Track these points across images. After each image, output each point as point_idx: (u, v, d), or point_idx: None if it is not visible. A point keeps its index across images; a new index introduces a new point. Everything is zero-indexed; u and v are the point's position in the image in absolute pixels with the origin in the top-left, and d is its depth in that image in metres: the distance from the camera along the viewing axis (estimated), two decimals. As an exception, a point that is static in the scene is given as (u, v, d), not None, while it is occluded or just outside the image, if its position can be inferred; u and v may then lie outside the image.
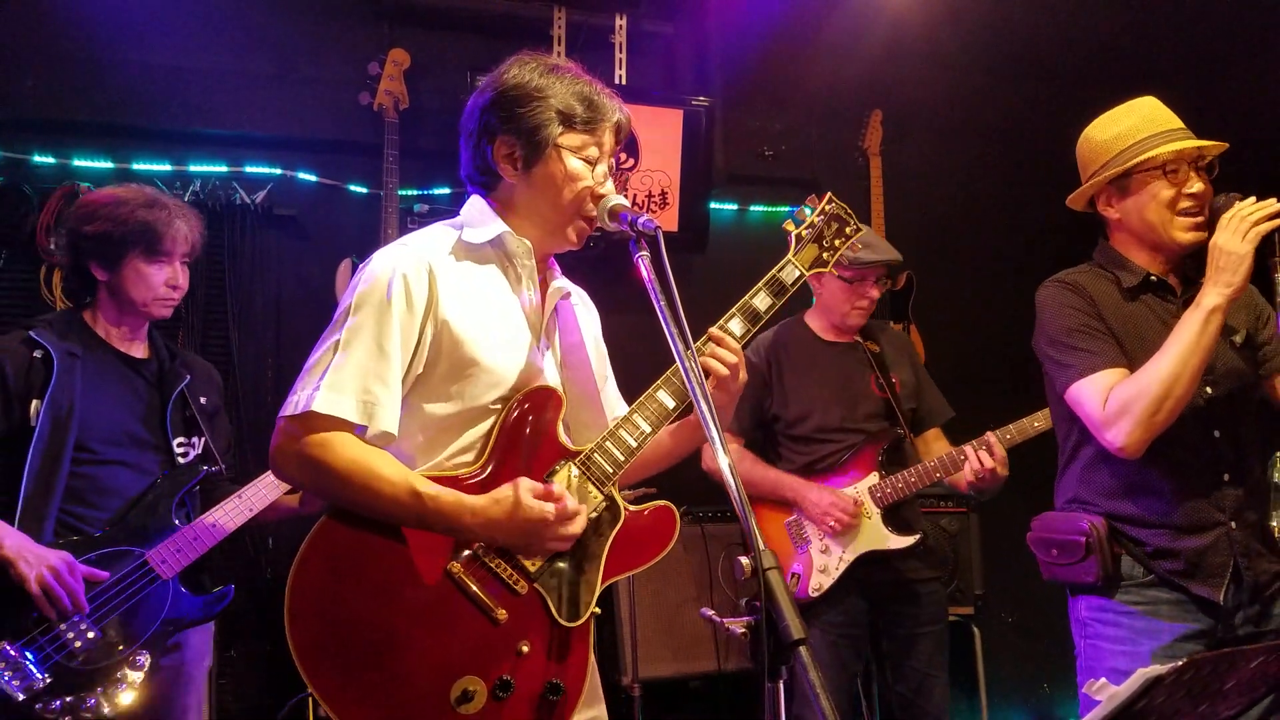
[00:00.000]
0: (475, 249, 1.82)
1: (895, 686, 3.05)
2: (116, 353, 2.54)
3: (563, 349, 1.93)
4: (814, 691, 1.12)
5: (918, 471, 3.00)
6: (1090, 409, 2.14)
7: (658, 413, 1.80)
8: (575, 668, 1.73)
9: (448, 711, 1.60)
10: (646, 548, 1.83)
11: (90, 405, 2.41)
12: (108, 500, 2.41)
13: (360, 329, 1.66)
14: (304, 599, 1.59)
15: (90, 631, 2.29)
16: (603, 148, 1.82)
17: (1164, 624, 2.13)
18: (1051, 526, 2.32)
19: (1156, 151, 2.18)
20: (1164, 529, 2.17)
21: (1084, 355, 2.18)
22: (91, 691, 2.29)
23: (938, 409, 3.31)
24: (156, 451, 2.51)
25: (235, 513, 2.50)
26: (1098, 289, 2.27)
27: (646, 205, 4.15)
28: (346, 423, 1.62)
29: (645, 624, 3.64)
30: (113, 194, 2.55)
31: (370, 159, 3.81)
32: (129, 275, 2.49)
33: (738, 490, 1.31)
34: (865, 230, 3.21)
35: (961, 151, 4.92)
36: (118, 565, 2.36)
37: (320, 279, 3.80)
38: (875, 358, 3.18)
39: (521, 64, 1.82)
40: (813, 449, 3.10)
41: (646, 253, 1.63)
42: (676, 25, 4.40)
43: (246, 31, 3.88)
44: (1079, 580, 2.23)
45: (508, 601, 1.68)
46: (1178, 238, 2.21)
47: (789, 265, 1.98)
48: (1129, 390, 2.07)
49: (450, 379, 1.72)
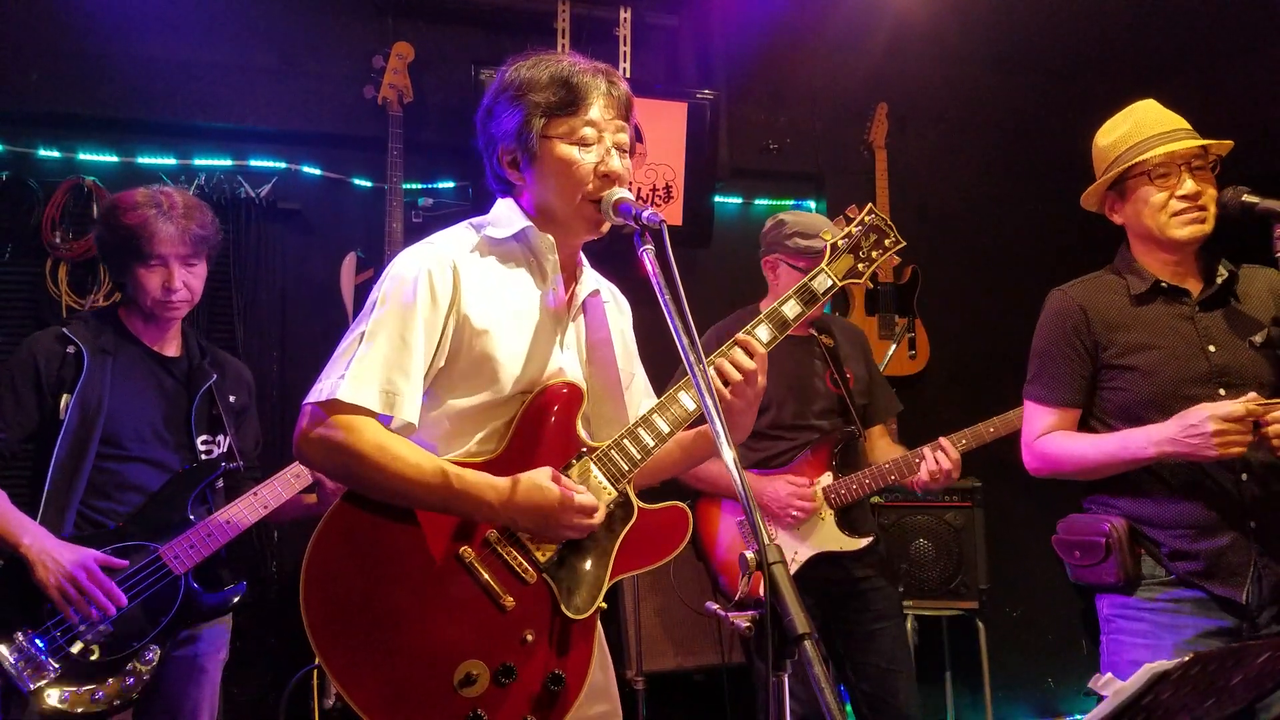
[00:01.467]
0: (500, 245, 1.84)
1: (860, 685, 2.98)
2: (148, 350, 2.57)
3: (588, 345, 1.94)
4: (818, 685, 1.12)
5: (871, 474, 2.98)
6: (1026, 431, 2.41)
7: (677, 415, 1.82)
8: (578, 660, 1.74)
9: (450, 692, 1.63)
10: (658, 547, 1.85)
11: (118, 402, 2.44)
12: (129, 495, 2.45)
13: (385, 322, 1.69)
14: (319, 575, 1.62)
15: (102, 624, 2.32)
16: (596, 125, 1.78)
17: (1187, 619, 2.14)
18: (1073, 529, 2.34)
19: (1145, 156, 2.21)
20: (1182, 529, 2.17)
21: (1042, 385, 2.37)
22: (101, 683, 2.31)
23: (886, 404, 3.27)
24: (179, 449, 2.54)
25: (249, 510, 2.51)
26: (1100, 300, 2.31)
27: (651, 199, 4.14)
28: (369, 411, 1.66)
29: (649, 618, 3.65)
30: (115, 199, 2.56)
31: (375, 153, 3.81)
32: (131, 280, 2.52)
33: (743, 486, 1.31)
34: (817, 217, 3.19)
35: (966, 145, 4.91)
36: (132, 560, 2.38)
37: (325, 273, 3.80)
38: (830, 351, 3.13)
39: (509, 66, 1.83)
40: (766, 445, 3.06)
41: (651, 247, 1.62)
42: (681, 18, 4.38)
43: (251, 25, 3.87)
44: (1101, 581, 2.24)
45: (516, 590, 1.70)
46: (1175, 235, 2.22)
47: (821, 274, 1.98)
48: (1055, 448, 2.31)
49: (471, 372, 1.75)
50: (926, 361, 4.62)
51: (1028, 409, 2.41)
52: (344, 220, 3.97)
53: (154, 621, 2.39)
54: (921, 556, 3.92)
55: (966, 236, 4.86)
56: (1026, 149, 4.87)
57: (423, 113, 3.95)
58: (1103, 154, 2.33)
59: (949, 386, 4.61)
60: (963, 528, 3.93)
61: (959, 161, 4.88)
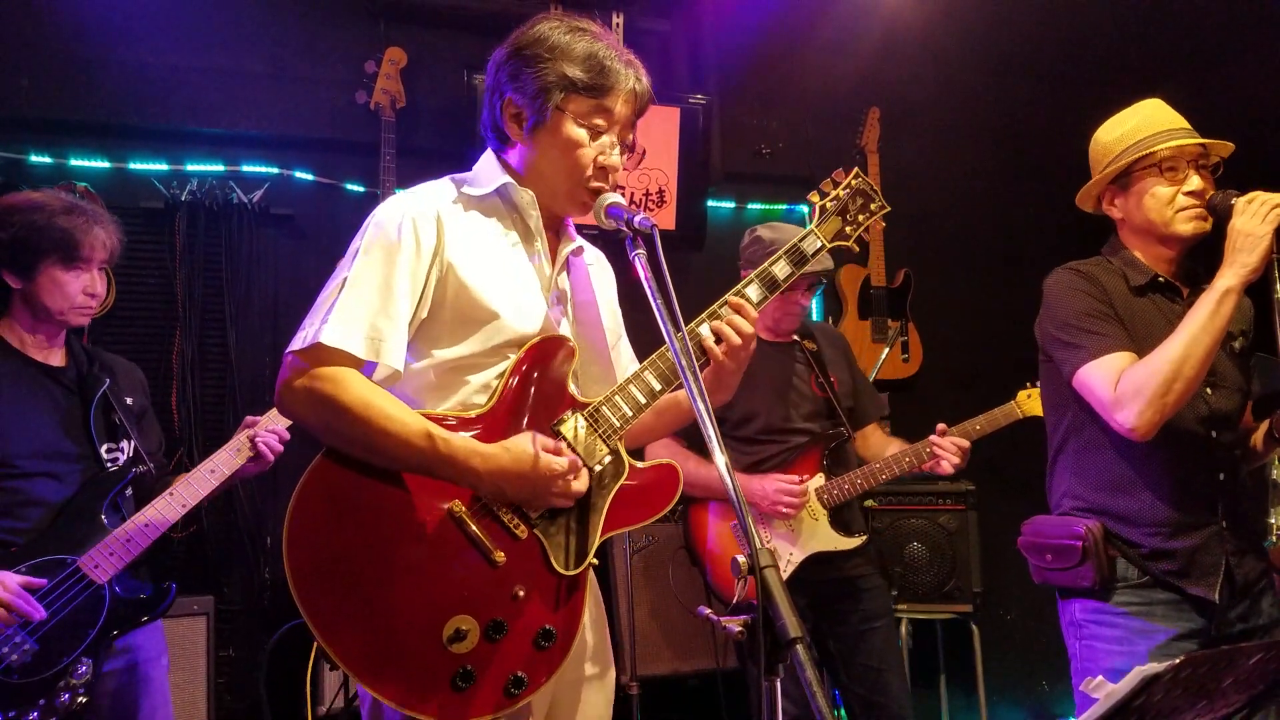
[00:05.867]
0: (481, 201, 1.82)
1: (852, 687, 3.00)
2: (33, 363, 2.45)
3: (574, 305, 1.92)
4: (810, 690, 1.12)
5: (863, 473, 3.01)
6: (1101, 391, 2.12)
7: (670, 371, 1.79)
8: (569, 616, 1.73)
9: (439, 648, 1.60)
10: (648, 504, 1.83)
11: (9, 420, 2.34)
12: (34, 513, 2.33)
13: (368, 268, 1.68)
14: (303, 526, 1.58)
15: (26, 644, 2.22)
16: (612, 116, 1.77)
17: (1159, 625, 2.13)
18: (1044, 531, 2.31)
19: (1155, 149, 2.21)
20: (1158, 528, 2.16)
21: (1095, 338, 2.17)
22: (33, 704, 2.22)
23: (873, 406, 3.31)
24: (82, 460, 2.42)
25: (167, 509, 2.42)
26: (1108, 281, 2.28)
27: (644, 203, 4.14)
28: (354, 358, 1.62)
29: (643, 622, 3.65)
30: (28, 199, 2.47)
31: (367, 158, 3.81)
32: (44, 283, 2.41)
33: (734, 489, 1.31)
34: (792, 228, 3.21)
35: (959, 149, 4.92)
36: (50, 575, 2.29)
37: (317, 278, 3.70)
38: (814, 357, 3.18)
39: (545, 21, 1.79)
40: (757, 449, 3.08)
41: (643, 251, 1.61)
42: (673, 23, 4.39)
43: (243, 30, 3.87)
44: (1074, 584, 2.23)
45: (507, 545, 1.68)
46: (1179, 230, 2.22)
47: (811, 235, 1.97)
48: (1141, 371, 2.07)
49: (457, 323, 1.73)
50: (919, 365, 4.63)
51: (1090, 373, 2.15)
52: (337, 226, 3.95)
53: (81, 635, 2.30)
54: (915, 560, 3.92)
55: (959, 240, 4.88)
56: (1019, 153, 4.89)
57: (415, 118, 3.95)
58: (1106, 148, 2.31)
59: (942, 390, 4.62)
60: (956, 531, 3.93)
61: (951, 165, 4.89)
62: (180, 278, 3.69)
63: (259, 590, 3.68)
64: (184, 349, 3.66)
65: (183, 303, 3.69)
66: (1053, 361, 2.30)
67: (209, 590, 3.42)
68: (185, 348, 3.66)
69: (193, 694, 3.18)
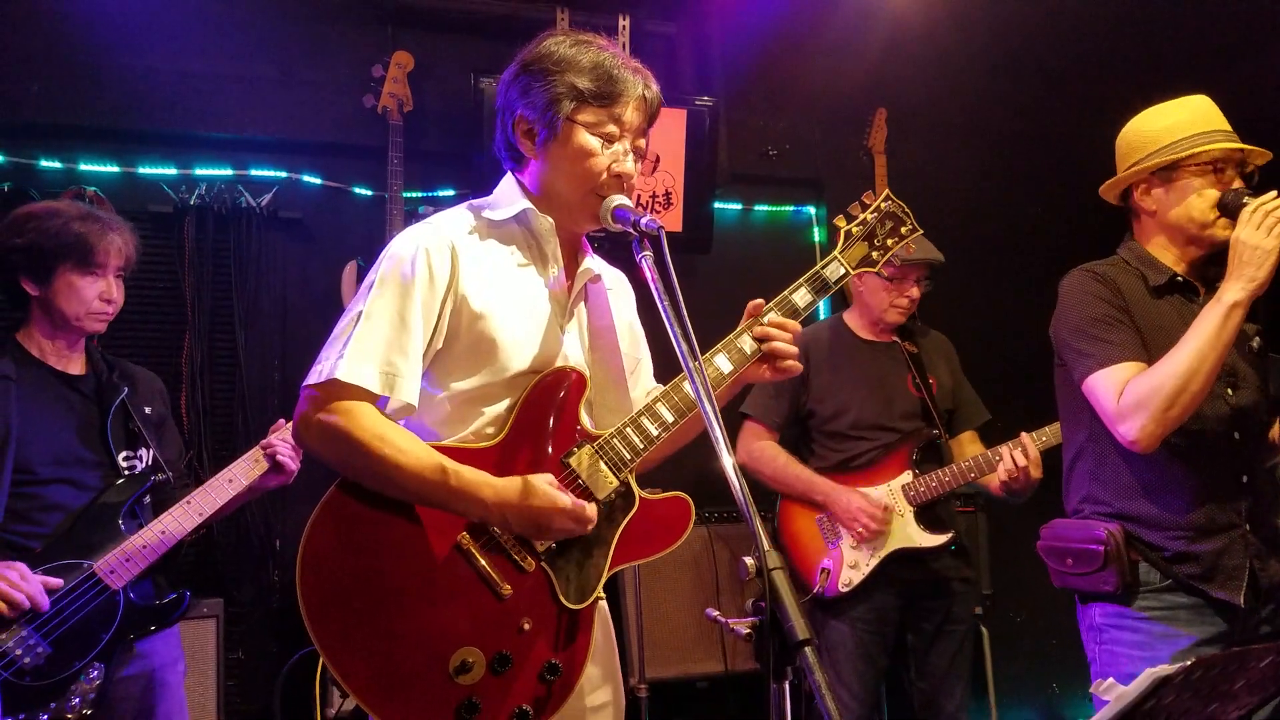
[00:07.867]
0: (499, 227, 1.83)
1: (918, 683, 3.08)
2: (52, 371, 2.48)
3: (591, 331, 1.92)
4: (819, 692, 1.11)
5: (951, 471, 3.01)
6: (1105, 401, 2.11)
7: (683, 403, 1.79)
8: (576, 651, 1.73)
9: (445, 679, 1.62)
10: (658, 538, 1.82)
11: (28, 428, 2.36)
12: (52, 518, 2.36)
13: (382, 302, 1.68)
14: (314, 560, 1.61)
15: (39, 647, 2.24)
16: (622, 123, 1.78)
17: (1181, 630, 2.11)
18: (1065, 535, 2.28)
19: (1209, 148, 2.15)
20: (1181, 531, 2.14)
21: (1104, 346, 2.15)
22: (44, 708, 2.24)
23: (974, 412, 3.32)
24: (100, 467, 2.45)
25: (184, 518, 2.44)
26: (1125, 283, 2.24)
27: (650, 206, 4.14)
28: (368, 393, 1.64)
29: (652, 625, 3.64)
30: (46, 206, 2.51)
31: (375, 162, 3.81)
32: (61, 289, 2.44)
33: (741, 491, 1.31)
34: None
35: (967, 150, 4.90)
36: (66, 578, 2.31)
37: (326, 282, 3.81)
38: (913, 358, 3.22)
39: (550, 37, 1.81)
40: (847, 446, 3.12)
41: (650, 253, 1.61)
42: (679, 25, 4.39)
43: (250, 35, 3.88)
44: (1096, 589, 2.20)
45: (514, 578, 1.69)
46: (1217, 234, 2.17)
47: (834, 262, 1.94)
48: (1145, 384, 2.04)
49: (470, 354, 1.74)
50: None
51: (1096, 382, 2.13)
52: (345, 229, 3.97)
53: (94, 640, 2.31)
54: (924, 561, 3.90)
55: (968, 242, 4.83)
56: (1027, 154, 4.86)
57: (423, 121, 3.96)
58: (1150, 138, 2.23)
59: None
60: (966, 532, 3.91)
61: (959, 167, 4.87)
62: (189, 281, 3.71)
63: (268, 593, 3.68)
64: (193, 353, 3.67)
65: (192, 306, 3.70)
66: (1066, 366, 2.29)
67: (218, 593, 3.42)
68: (194, 351, 3.67)
69: (202, 697, 3.19)
